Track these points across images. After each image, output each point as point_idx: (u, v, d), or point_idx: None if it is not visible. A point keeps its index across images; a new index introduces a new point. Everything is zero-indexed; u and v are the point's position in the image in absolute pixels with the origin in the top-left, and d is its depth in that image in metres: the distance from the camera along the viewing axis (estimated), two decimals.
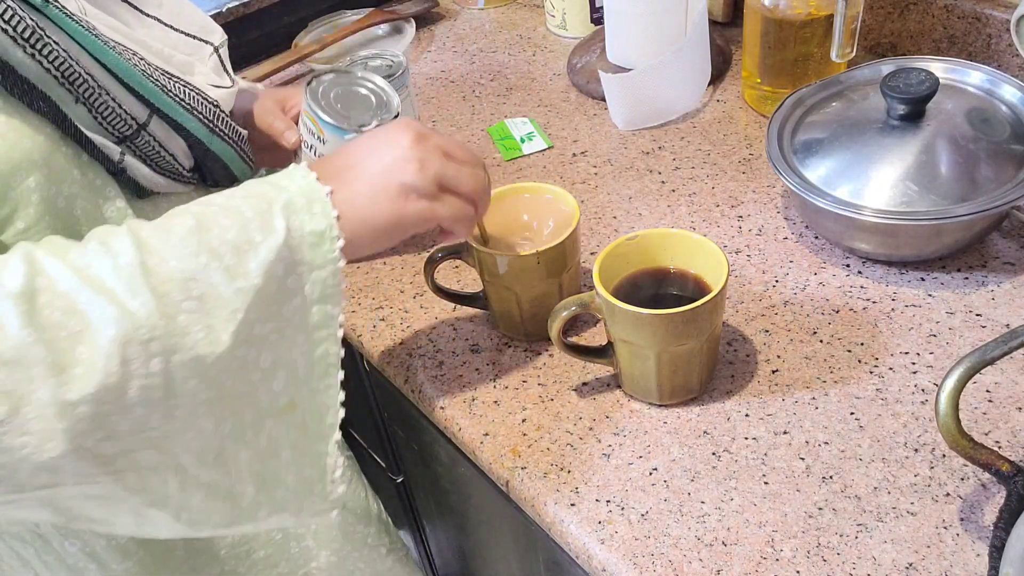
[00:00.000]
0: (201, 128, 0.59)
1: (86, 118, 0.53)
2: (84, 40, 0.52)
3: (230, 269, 0.46)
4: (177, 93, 0.57)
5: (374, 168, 0.52)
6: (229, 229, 0.47)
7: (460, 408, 0.66)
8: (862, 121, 0.71)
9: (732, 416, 0.61)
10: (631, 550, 0.54)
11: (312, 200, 0.50)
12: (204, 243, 0.46)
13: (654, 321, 0.57)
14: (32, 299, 0.42)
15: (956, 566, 0.51)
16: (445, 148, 0.54)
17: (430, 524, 1.04)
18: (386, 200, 0.52)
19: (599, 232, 0.79)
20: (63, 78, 0.51)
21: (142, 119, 0.55)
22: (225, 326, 0.46)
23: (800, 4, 0.81)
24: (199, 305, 0.45)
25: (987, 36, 0.84)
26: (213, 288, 0.46)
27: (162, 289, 0.44)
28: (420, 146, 0.53)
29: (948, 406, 0.49)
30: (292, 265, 0.49)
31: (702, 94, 0.92)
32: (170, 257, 0.45)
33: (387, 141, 0.53)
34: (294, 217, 0.49)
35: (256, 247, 0.47)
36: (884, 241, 0.68)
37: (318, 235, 0.49)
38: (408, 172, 0.52)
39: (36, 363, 0.41)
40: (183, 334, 0.44)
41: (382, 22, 1.16)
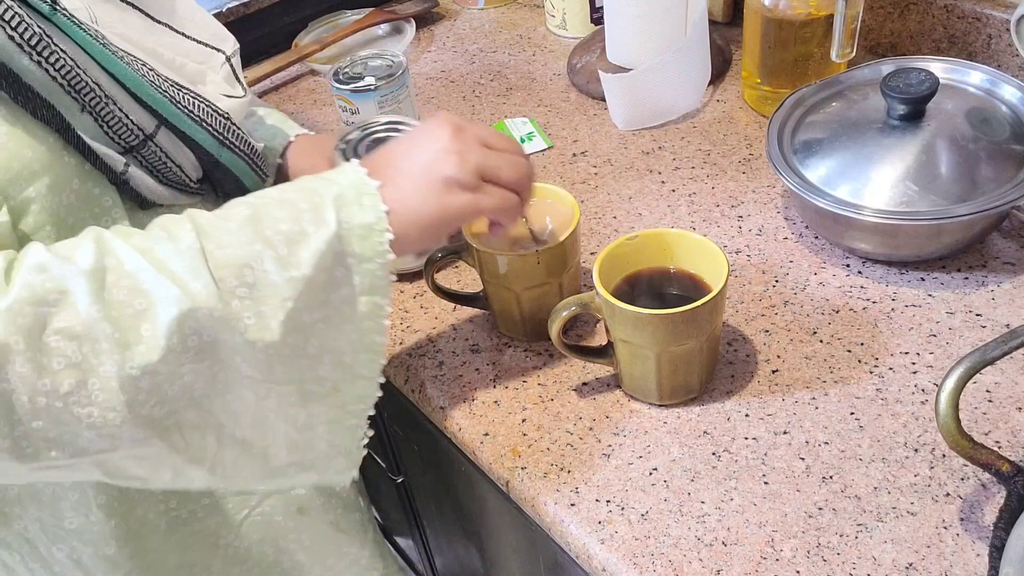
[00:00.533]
0: (210, 140, 0.59)
1: (92, 127, 0.53)
2: (92, 49, 0.52)
3: (283, 259, 0.48)
4: (186, 104, 0.57)
5: (417, 164, 0.53)
6: (283, 220, 0.49)
7: (460, 408, 0.66)
8: (862, 121, 0.72)
9: (732, 416, 0.61)
10: (631, 550, 0.54)
11: (362, 193, 0.51)
12: (259, 232, 0.48)
13: (654, 321, 0.57)
14: (102, 278, 0.45)
15: (956, 566, 0.51)
16: (484, 139, 0.55)
17: (430, 524, 1.04)
18: (431, 194, 0.52)
19: (599, 232, 0.79)
20: (69, 87, 0.51)
21: (149, 130, 0.55)
22: (275, 313, 0.47)
23: (800, 4, 0.81)
24: (251, 292, 0.47)
25: (987, 36, 0.84)
26: (266, 276, 0.47)
27: (219, 274, 0.46)
28: (459, 138, 0.54)
29: (948, 406, 0.49)
30: (341, 256, 0.50)
31: (702, 94, 0.92)
32: (227, 244, 0.47)
33: (427, 137, 0.54)
34: (345, 210, 0.50)
35: (308, 238, 0.48)
36: (884, 241, 0.68)
37: (367, 228, 0.50)
38: (449, 165, 0.53)
39: (103, 338, 0.44)
40: (236, 318, 0.46)
41: (382, 22, 1.16)
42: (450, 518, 0.93)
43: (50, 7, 0.50)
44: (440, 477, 0.86)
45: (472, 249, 0.66)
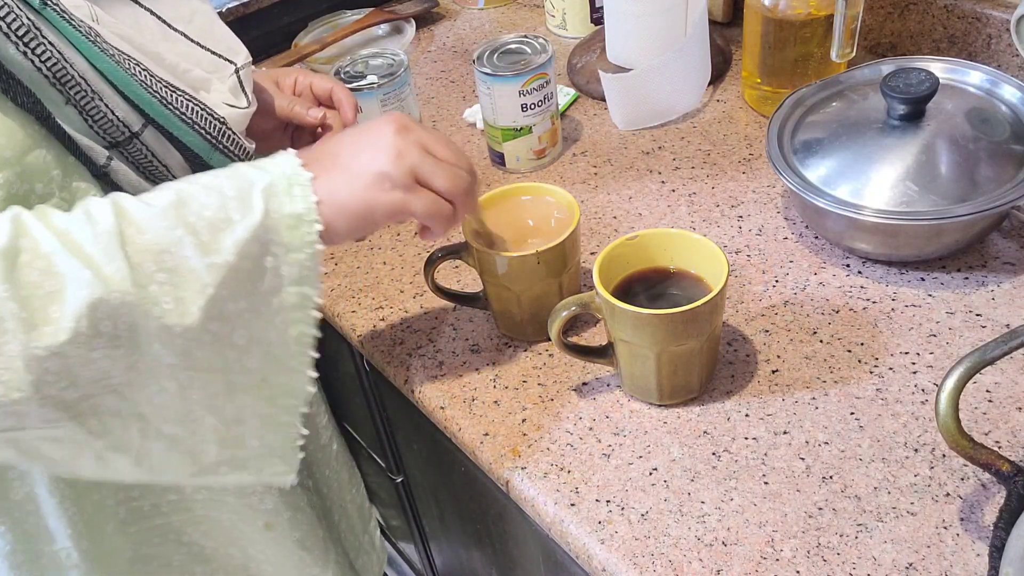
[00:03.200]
0: (201, 143, 0.59)
1: (76, 120, 0.53)
2: (79, 44, 0.52)
3: (204, 245, 0.48)
4: (177, 106, 0.57)
5: (354, 156, 0.54)
6: (208, 207, 0.49)
7: (460, 408, 0.66)
8: (862, 121, 0.72)
9: (732, 416, 0.61)
10: (631, 550, 0.54)
11: (293, 183, 0.51)
12: (182, 218, 0.48)
13: (654, 321, 0.57)
14: (14, 257, 0.45)
15: (956, 566, 0.51)
16: (426, 143, 0.55)
17: (430, 524, 1.04)
18: (360, 187, 0.53)
19: (599, 232, 0.79)
20: (54, 78, 0.51)
21: (135, 127, 0.55)
22: (195, 299, 0.47)
23: (800, 4, 0.81)
24: (170, 277, 0.47)
25: (987, 36, 0.84)
26: (185, 261, 0.47)
27: (136, 259, 0.46)
28: (401, 137, 0.54)
29: (948, 406, 0.49)
30: (268, 245, 0.49)
31: (702, 94, 0.92)
32: (147, 229, 0.47)
33: (372, 131, 0.55)
34: (273, 199, 0.50)
35: (233, 225, 0.48)
36: (884, 241, 0.68)
37: (296, 218, 0.50)
38: (384, 161, 0.53)
39: (9, 317, 0.44)
40: (153, 303, 0.46)
41: (382, 22, 1.16)
42: (450, 518, 0.93)
43: (40, 1, 0.50)
44: (440, 477, 0.86)
45: (472, 249, 0.66)
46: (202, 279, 0.47)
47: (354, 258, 0.82)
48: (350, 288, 0.78)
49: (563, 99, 0.97)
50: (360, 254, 0.82)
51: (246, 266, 0.49)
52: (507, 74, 0.81)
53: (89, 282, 0.45)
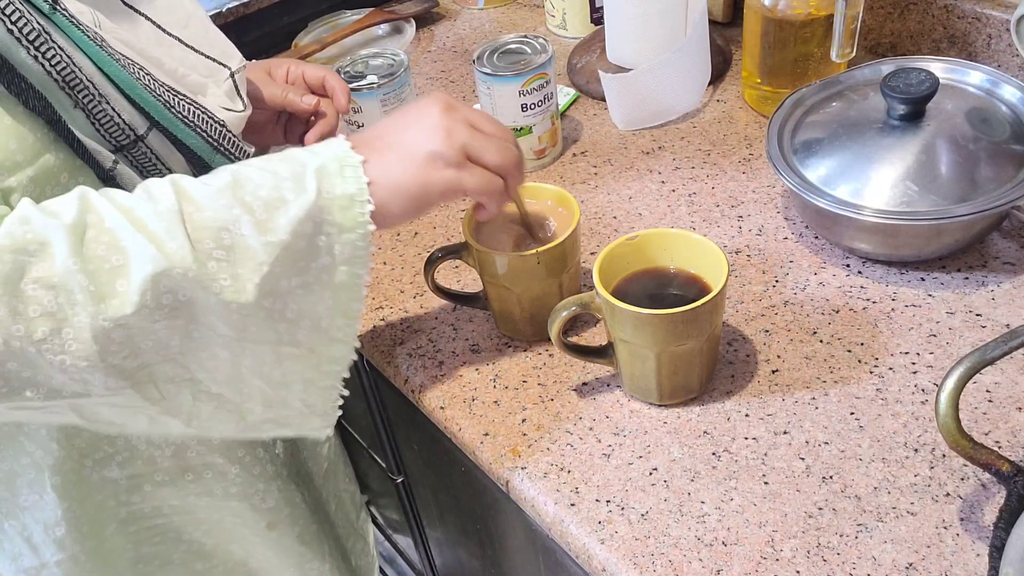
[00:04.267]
0: (203, 145, 0.60)
1: (84, 124, 0.54)
2: (88, 49, 0.53)
3: (261, 224, 0.49)
4: (180, 110, 0.58)
5: (404, 137, 0.55)
6: (263, 187, 0.50)
7: (460, 408, 0.66)
8: (862, 121, 0.72)
9: (732, 416, 0.61)
10: (631, 550, 0.54)
11: (344, 165, 0.52)
12: (238, 197, 0.49)
13: (654, 321, 0.57)
14: (82, 232, 0.46)
15: (956, 566, 0.51)
16: (473, 120, 0.56)
17: (430, 524, 1.04)
18: (414, 167, 0.54)
19: (599, 232, 0.79)
20: (63, 82, 0.51)
21: (141, 131, 0.56)
22: (251, 276, 0.49)
23: (800, 4, 0.81)
24: (228, 254, 0.48)
25: (987, 36, 0.84)
26: (243, 239, 0.48)
27: (196, 235, 0.48)
28: (448, 116, 0.55)
29: (948, 406, 0.49)
30: (321, 225, 0.51)
31: (702, 94, 0.92)
32: (206, 207, 0.48)
33: (417, 113, 0.56)
34: (326, 180, 0.51)
35: (287, 204, 0.50)
36: (884, 241, 0.68)
37: (348, 198, 0.51)
38: (435, 140, 0.54)
39: (79, 290, 0.45)
40: (212, 279, 0.48)
41: (382, 22, 1.16)
42: (450, 518, 0.93)
43: (50, 6, 0.51)
44: (440, 477, 0.86)
45: (472, 249, 0.66)
46: (258, 257, 0.49)
47: None
48: None
49: (563, 99, 0.97)
50: None
51: (300, 245, 0.50)
52: (507, 74, 0.81)
53: (153, 257, 0.46)
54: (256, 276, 0.49)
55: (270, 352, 0.52)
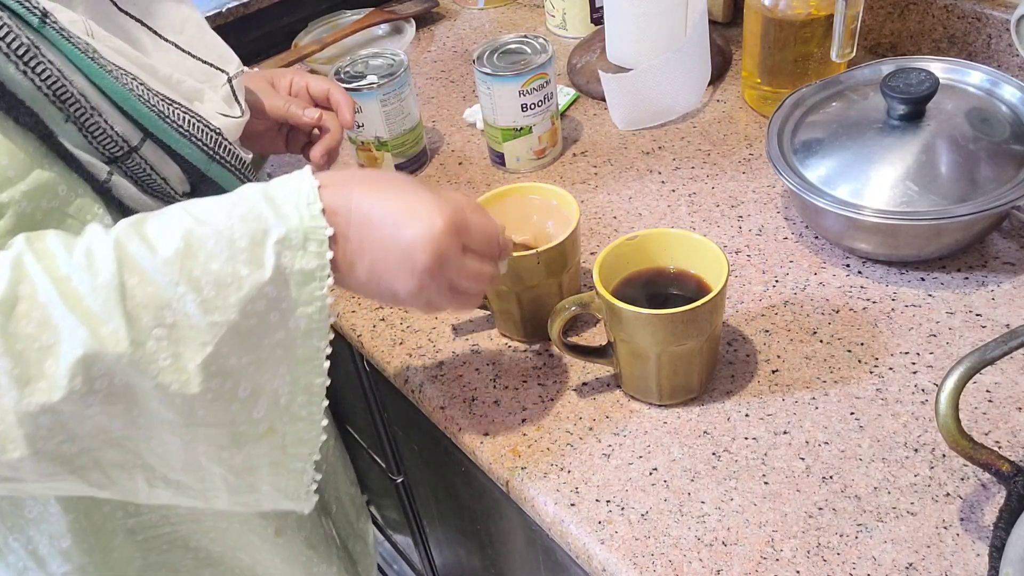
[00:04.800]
0: (199, 154, 0.58)
1: (76, 136, 0.52)
2: (79, 61, 0.51)
3: (208, 302, 0.46)
4: (175, 119, 0.57)
5: (380, 265, 0.50)
6: (216, 258, 0.46)
7: (460, 408, 0.66)
8: (862, 121, 0.72)
9: (732, 416, 0.61)
10: (631, 550, 0.54)
11: (309, 239, 0.48)
12: (187, 271, 0.46)
13: (654, 321, 0.57)
14: (12, 307, 0.44)
15: (956, 566, 0.51)
16: (459, 285, 0.53)
17: (430, 524, 1.04)
18: (375, 292, 0.52)
19: (599, 232, 0.79)
20: (54, 96, 0.50)
21: (134, 142, 0.55)
22: (193, 356, 0.46)
23: (800, 4, 0.81)
24: (169, 332, 0.45)
25: (987, 36, 0.84)
26: (186, 319, 0.45)
27: (136, 313, 0.45)
28: (431, 282, 0.51)
29: (948, 406, 0.49)
30: (276, 301, 0.48)
31: (702, 94, 0.92)
32: (150, 281, 0.45)
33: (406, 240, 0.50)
34: (287, 254, 0.48)
35: (240, 281, 0.47)
36: (884, 241, 0.68)
37: (307, 274, 0.48)
38: (405, 294, 0.51)
39: (3, 373, 0.43)
40: (149, 360, 0.45)
41: (382, 22, 1.16)
42: (450, 518, 0.93)
43: (40, 20, 0.50)
44: (440, 477, 0.86)
45: None
46: (201, 337, 0.46)
47: None
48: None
49: (563, 99, 0.97)
50: None
51: (250, 323, 0.47)
52: (507, 74, 0.81)
53: (84, 340, 0.43)
54: (198, 356, 0.46)
55: (226, 435, 0.49)
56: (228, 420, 0.49)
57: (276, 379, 0.49)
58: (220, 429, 0.49)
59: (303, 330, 0.49)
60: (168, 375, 0.45)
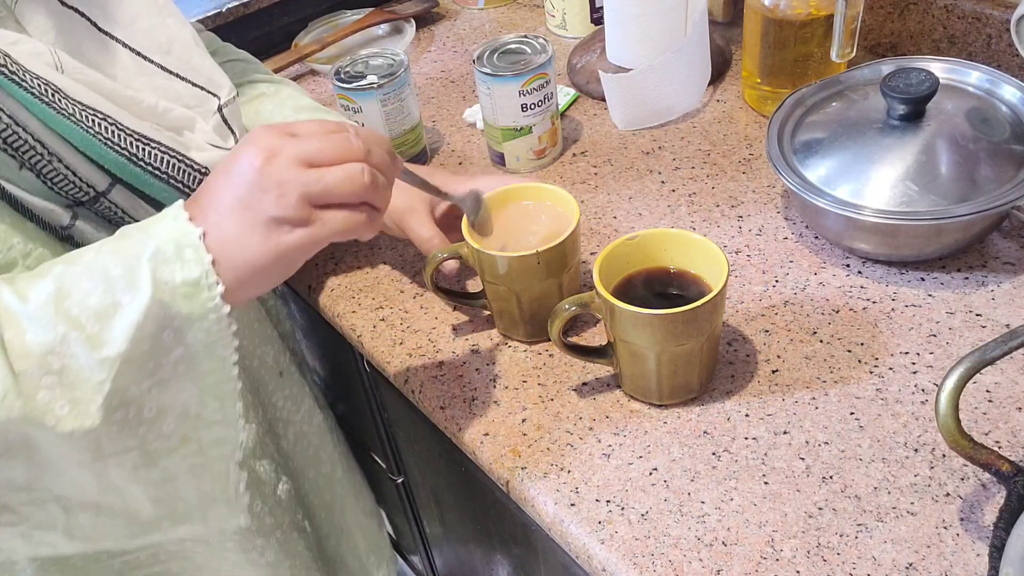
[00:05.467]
0: (176, 196, 0.55)
1: (34, 183, 0.50)
2: (32, 107, 0.49)
3: (92, 338, 0.43)
4: (150, 161, 0.53)
5: (234, 201, 0.47)
6: (92, 293, 0.44)
7: (460, 408, 0.66)
8: (862, 121, 0.72)
9: (732, 416, 0.61)
10: (631, 550, 0.54)
11: (182, 246, 0.46)
12: (63, 311, 0.43)
13: (654, 321, 0.57)
14: None
15: (956, 566, 0.51)
16: (304, 156, 0.47)
17: (430, 524, 1.04)
18: (256, 238, 0.46)
19: (599, 232, 0.79)
20: (5, 144, 0.48)
21: (101, 187, 0.52)
22: (92, 398, 0.43)
23: (800, 4, 0.81)
24: (59, 379, 0.43)
25: (987, 36, 0.84)
26: (74, 360, 0.43)
27: (20, 365, 0.42)
28: (272, 167, 0.46)
29: (948, 406, 0.49)
30: (166, 320, 0.45)
31: (702, 94, 0.92)
32: (27, 329, 0.43)
33: (237, 168, 0.47)
34: (163, 268, 0.45)
35: (122, 310, 0.44)
36: (884, 241, 0.68)
37: (192, 284, 0.45)
38: (267, 204, 0.46)
39: None
40: (44, 411, 0.42)
41: (382, 22, 1.16)
42: (450, 518, 0.93)
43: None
44: (440, 477, 0.86)
45: (472, 249, 0.66)
46: (95, 376, 0.43)
47: (354, 258, 0.81)
48: (350, 288, 0.78)
49: (563, 99, 0.97)
50: (360, 254, 0.82)
51: (143, 348, 0.45)
52: (507, 74, 0.81)
53: None
54: (98, 396, 0.43)
55: (138, 456, 0.47)
56: (137, 443, 0.47)
57: (182, 394, 0.47)
58: (130, 453, 0.47)
59: (203, 343, 0.47)
60: (68, 423, 0.43)
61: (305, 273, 0.81)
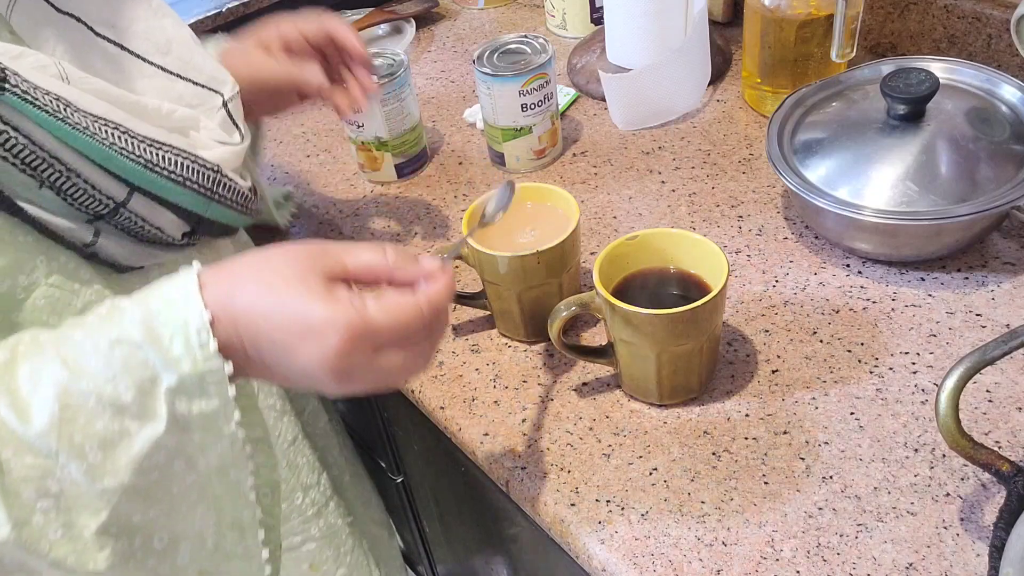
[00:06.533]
0: (195, 198, 0.55)
1: (54, 201, 0.49)
2: (47, 125, 0.47)
3: (95, 468, 0.41)
4: (166, 165, 0.52)
5: (287, 364, 0.44)
6: (98, 418, 0.41)
7: (460, 408, 0.66)
8: (862, 121, 0.72)
9: (732, 416, 0.61)
10: (631, 550, 0.54)
11: (207, 382, 0.43)
12: (66, 437, 0.41)
13: (654, 321, 0.57)
14: None
15: (956, 566, 0.51)
16: (380, 346, 0.44)
17: (430, 524, 1.04)
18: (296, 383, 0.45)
19: (599, 232, 0.79)
20: (23, 165, 0.47)
21: (121, 197, 0.51)
22: (87, 523, 0.41)
23: (800, 4, 0.81)
24: (56, 503, 0.41)
25: (987, 36, 0.84)
26: (73, 486, 0.41)
27: (14, 488, 0.40)
28: (345, 363, 0.43)
29: (948, 406, 0.49)
30: (178, 449, 0.43)
31: (702, 94, 0.92)
32: (26, 451, 0.40)
33: (305, 372, 0.44)
34: (181, 400, 0.43)
35: (130, 439, 0.42)
36: (884, 241, 0.68)
37: (210, 417, 0.43)
38: (327, 383, 0.44)
39: None
40: (39, 537, 0.40)
41: (382, 22, 1.16)
42: (450, 518, 0.93)
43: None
44: (440, 477, 0.86)
45: (472, 249, 0.66)
46: (93, 504, 0.41)
47: None
48: None
49: (563, 99, 0.97)
50: None
51: (149, 479, 0.42)
52: (507, 74, 0.81)
53: None
54: (93, 523, 0.41)
55: None
56: (147, 573, 0.44)
57: (196, 521, 0.45)
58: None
59: (217, 467, 0.45)
60: (61, 548, 0.41)
61: None
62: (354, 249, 0.46)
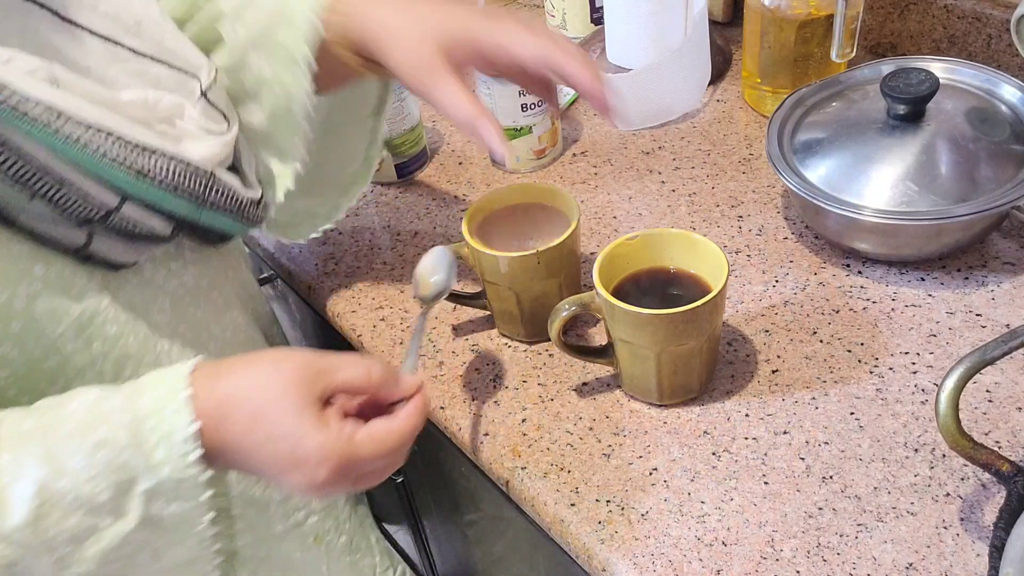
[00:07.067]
0: (186, 205, 0.53)
1: (45, 211, 0.48)
2: (40, 137, 0.46)
3: (62, 559, 0.42)
4: (157, 172, 0.51)
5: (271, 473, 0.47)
6: (72, 514, 0.42)
7: (460, 408, 0.66)
8: (862, 121, 0.72)
9: (732, 416, 0.61)
10: (631, 550, 0.54)
11: (183, 486, 0.44)
12: (40, 533, 0.42)
13: (654, 321, 0.57)
14: None
15: (956, 566, 0.51)
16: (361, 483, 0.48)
17: (430, 524, 1.04)
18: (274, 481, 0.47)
19: (599, 232, 0.79)
20: (14, 179, 0.46)
21: (112, 204, 0.50)
22: None
23: (800, 4, 0.81)
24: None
25: (987, 36, 0.84)
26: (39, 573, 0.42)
27: None
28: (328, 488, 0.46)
29: (948, 406, 0.49)
30: (146, 543, 0.44)
31: (702, 94, 0.92)
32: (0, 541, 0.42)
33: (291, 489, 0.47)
34: (156, 502, 0.44)
35: (99, 534, 0.43)
36: (884, 241, 0.68)
37: (183, 517, 0.44)
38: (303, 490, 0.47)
39: None
40: None
41: None
42: (450, 518, 0.93)
43: None
44: (440, 477, 0.86)
45: (472, 249, 0.66)
46: None
47: (354, 258, 0.82)
48: (350, 288, 0.78)
49: (563, 99, 0.97)
50: (360, 254, 0.82)
51: (112, 568, 0.43)
52: None
53: None
54: None
55: None
56: None
57: None
58: None
59: (184, 560, 0.46)
60: None
61: (305, 273, 0.81)
62: (342, 366, 0.48)
